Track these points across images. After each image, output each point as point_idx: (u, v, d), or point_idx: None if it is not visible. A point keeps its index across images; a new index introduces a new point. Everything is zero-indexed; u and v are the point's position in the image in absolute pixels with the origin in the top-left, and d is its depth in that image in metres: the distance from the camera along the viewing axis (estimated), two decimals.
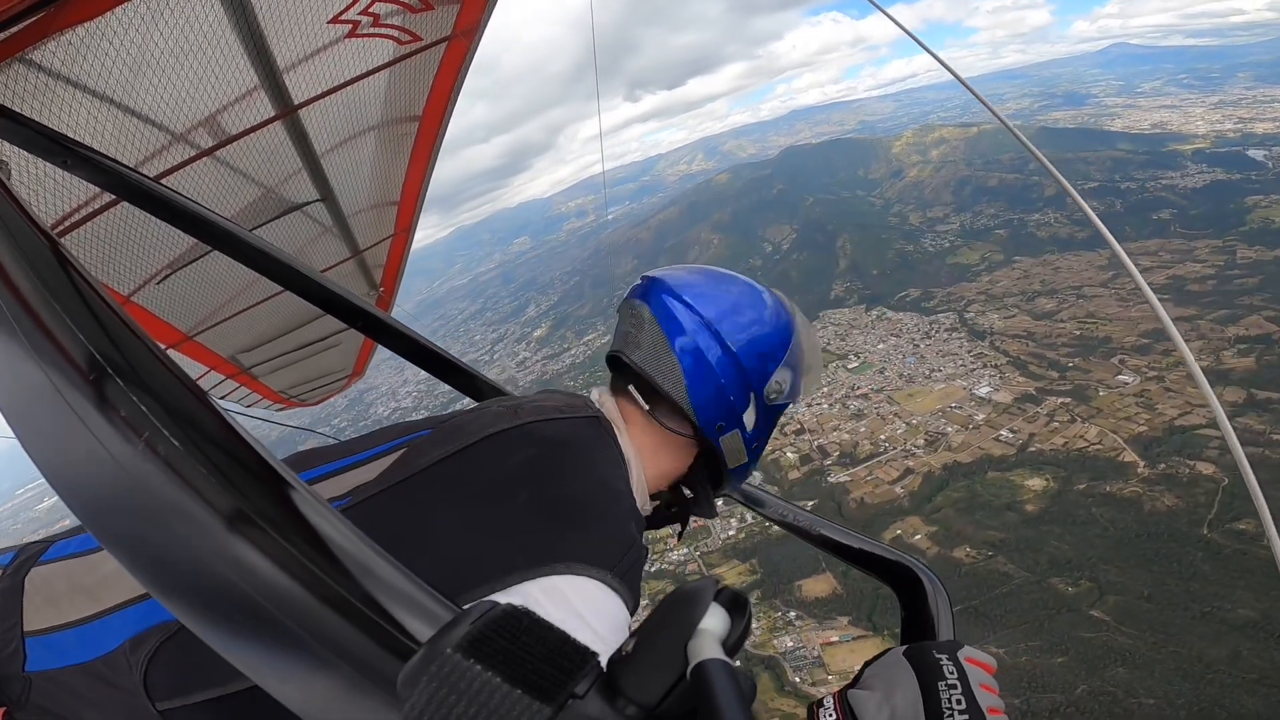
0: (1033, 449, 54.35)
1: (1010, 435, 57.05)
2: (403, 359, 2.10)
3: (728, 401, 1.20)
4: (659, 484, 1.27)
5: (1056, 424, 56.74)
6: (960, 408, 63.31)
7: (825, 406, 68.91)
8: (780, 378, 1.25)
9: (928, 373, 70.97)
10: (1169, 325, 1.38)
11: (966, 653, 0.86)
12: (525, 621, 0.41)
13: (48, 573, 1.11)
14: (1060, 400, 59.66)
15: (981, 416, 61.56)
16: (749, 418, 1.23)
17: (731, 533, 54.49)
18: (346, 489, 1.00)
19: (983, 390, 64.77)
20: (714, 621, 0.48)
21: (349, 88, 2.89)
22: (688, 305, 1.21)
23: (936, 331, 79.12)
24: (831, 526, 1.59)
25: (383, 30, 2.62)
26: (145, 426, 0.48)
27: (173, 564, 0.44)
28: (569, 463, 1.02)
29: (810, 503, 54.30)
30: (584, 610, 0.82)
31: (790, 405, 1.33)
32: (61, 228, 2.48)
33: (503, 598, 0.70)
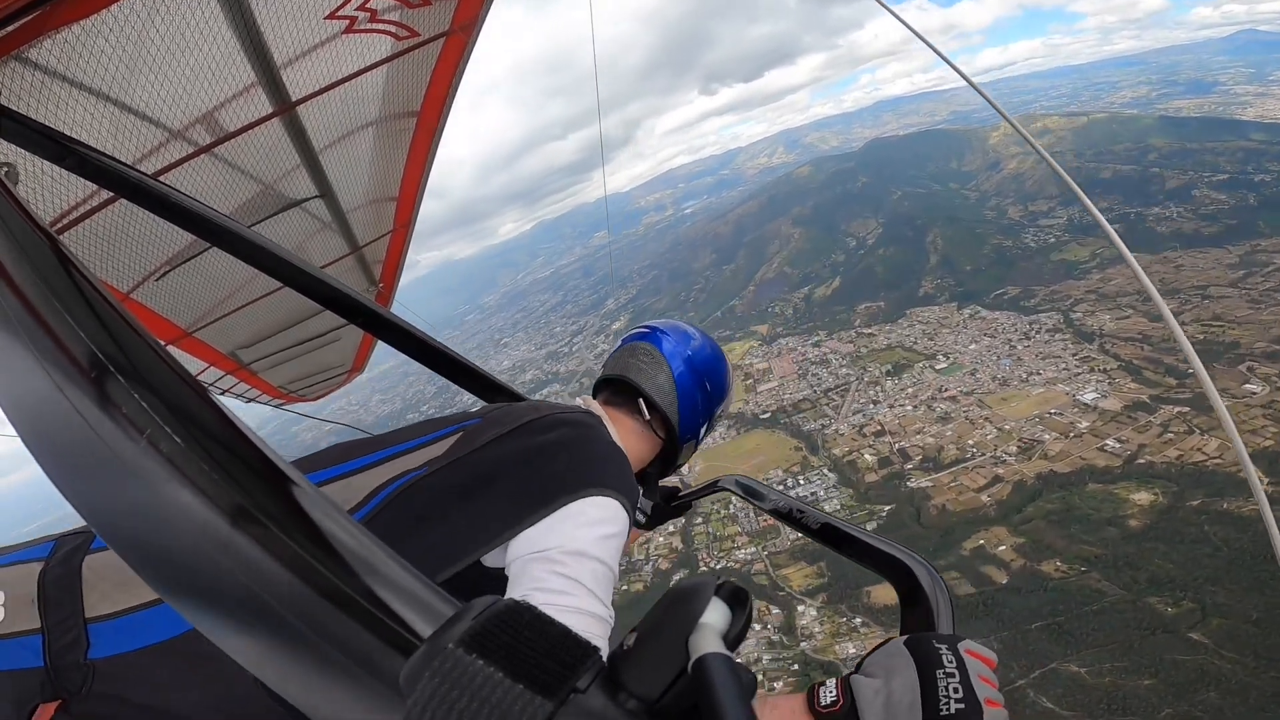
0: (1141, 461, 49.68)
1: (1117, 445, 52.24)
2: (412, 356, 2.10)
3: (698, 424, 1.75)
4: (638, 462, 1.70)
5: (1171, 435, 51.54)
6: (1061, 414, 58.38)
7: (909, 408, 65.25)
8: (722, 407, 1.85)
9: (1025, 376, 65.52)
10: (1182, 341, 1.38)
11: (967, 645, 0.86)
12: (527, 616, 0.42)
13: (112, 558, 1.09)
14: (1177, 409, 53.92)
15: (1085, 424, 56.42)
16: (703, 430, 1.79)
17: (802, 534, 55.53)
18: (421, 462, 1.26)
19: (1088, 396, 59.37)
20: (715, 616, 0.48)
21: (347, 83, 2.88)
22: (687, 359, 1.74)
23: (1037, 332, 72.60)
24: (832, 519, 1.59)
25: (380, 26, 2.61)
26: (147, 424, 0.48)
27: (176, 561, 0.44)
28: (592, 437, 1.37)
29: (887, 508, 53.60)
30: (615, 517, 1.20)
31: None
32: (60, 225, 2.47)
33: (561, 514, 1.14)
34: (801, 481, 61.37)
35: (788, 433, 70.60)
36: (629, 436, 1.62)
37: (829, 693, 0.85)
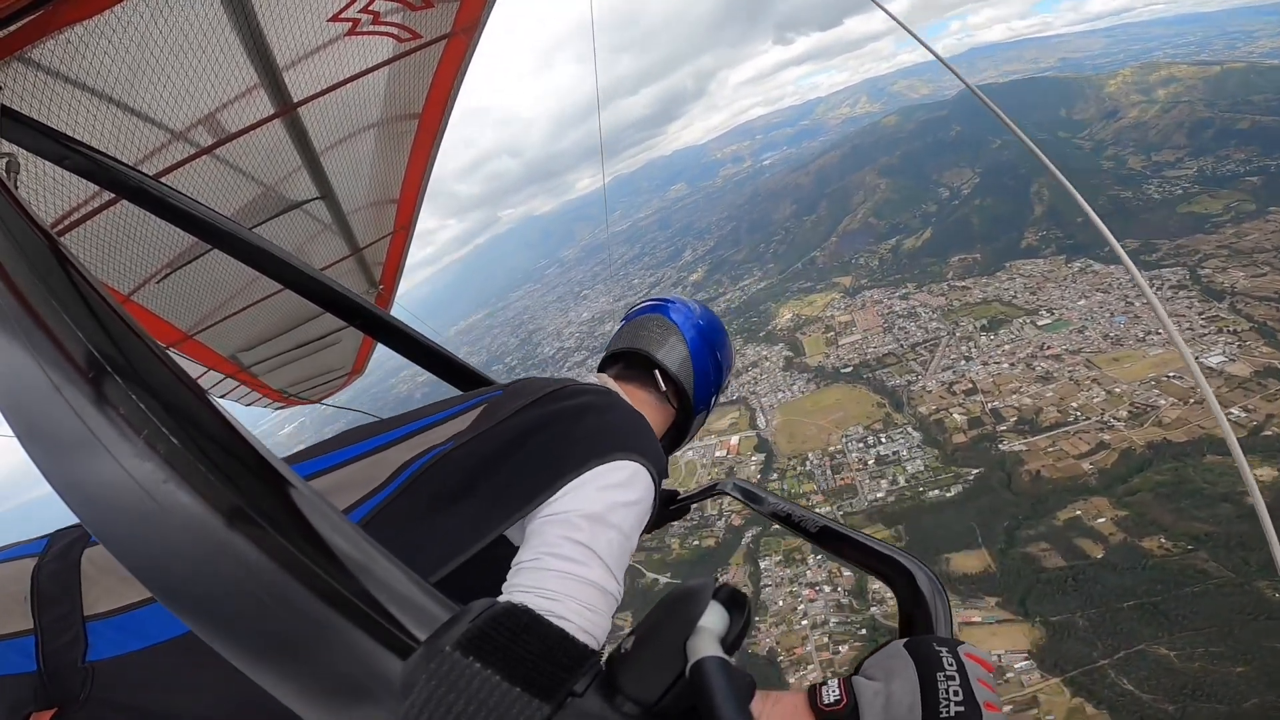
0: (1269, 432, 43.25)
1: (1243, 415, 45.09)
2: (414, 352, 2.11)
3: (711, 394, 1.77)
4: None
5: None
6: (1180, 378, 50.95)
7: (1005, 367, 58.49)
8: (727, 380, 1.88)
9: (1141, 335, 57.25)
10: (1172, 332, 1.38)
11: (967, 649, 0.86)
12: (525, 619, 0.41)
13: None
14: None
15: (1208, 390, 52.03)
16: (712, 401, 1.81)
17: (880, 494, 49.87)
18: (447, 436, 1.25)
19: (1213, 359, 51.34)
20: (713, 619, 0.48)
21: (349, 85, 2.88)
22: (699, 328, 1.76)
23: (1159, 288, 61.65)
24: (831, 523, 1.59)
25: (383, 28, 2.62)
26: (144, 425, 0.48)
27: (171, 561, 0.44)
28: (615, 404, 1.38)
29: (975, 471, 48.64)
30: (637, 483, 1.19)
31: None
32: (61, 226, 2.48)
33: (584, 479, 1.13)
34: (883, 440, 56.50)
35: (870, 388, 64.95)
36: (644, 408, 1.60)
37: (832, 692, 0.85)
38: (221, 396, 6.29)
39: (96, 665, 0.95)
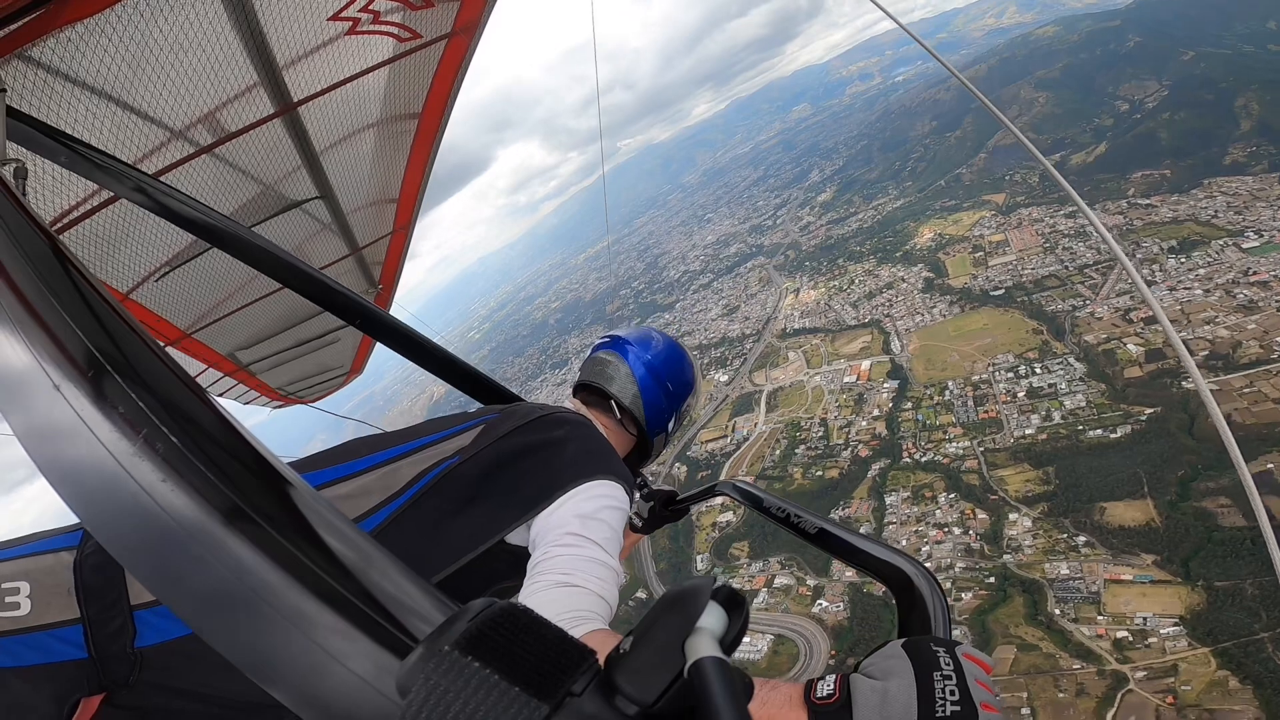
0: None
1: None
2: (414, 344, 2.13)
3: (665, 420, 1.96)
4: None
5: None
6: None
7: (1198, 293, 49.35)
8: (690, 402, 2.05)
9: None
10: (1161, 317, 1.38)
11: (964, 649, 0.86)
12: (524, 619, 0.41)
13: None
14: None
15: None
16: (670, 425, 1.99)
17: (1029, 430, 43.69)
18: (453, 451, 1.42)
19: None
20: (711, 619, 0.48)
21: (348, 85, 2.88)
22: (649, 362, 1.92)
23: None
24: (830, 523, 1.60)
25: (383, 27, 2.62)
26: (143, 424, 0.48)
27: (170, 560, 0.44)
28: (591, 433, 1.58)
29: (1149, 410, 41.02)
30: (617, 496, 1.38)
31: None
32: (60, 225, 2.47)
33: (572, 494, 1.33)
34: (1038, 370, 48.70)
35: (1025, 312, 56.37)
36: (607, 432, 1.84)
37: (826, 686, 0.85)
38: (220, 395, 6.28)
39: (144, 651, 1.00)
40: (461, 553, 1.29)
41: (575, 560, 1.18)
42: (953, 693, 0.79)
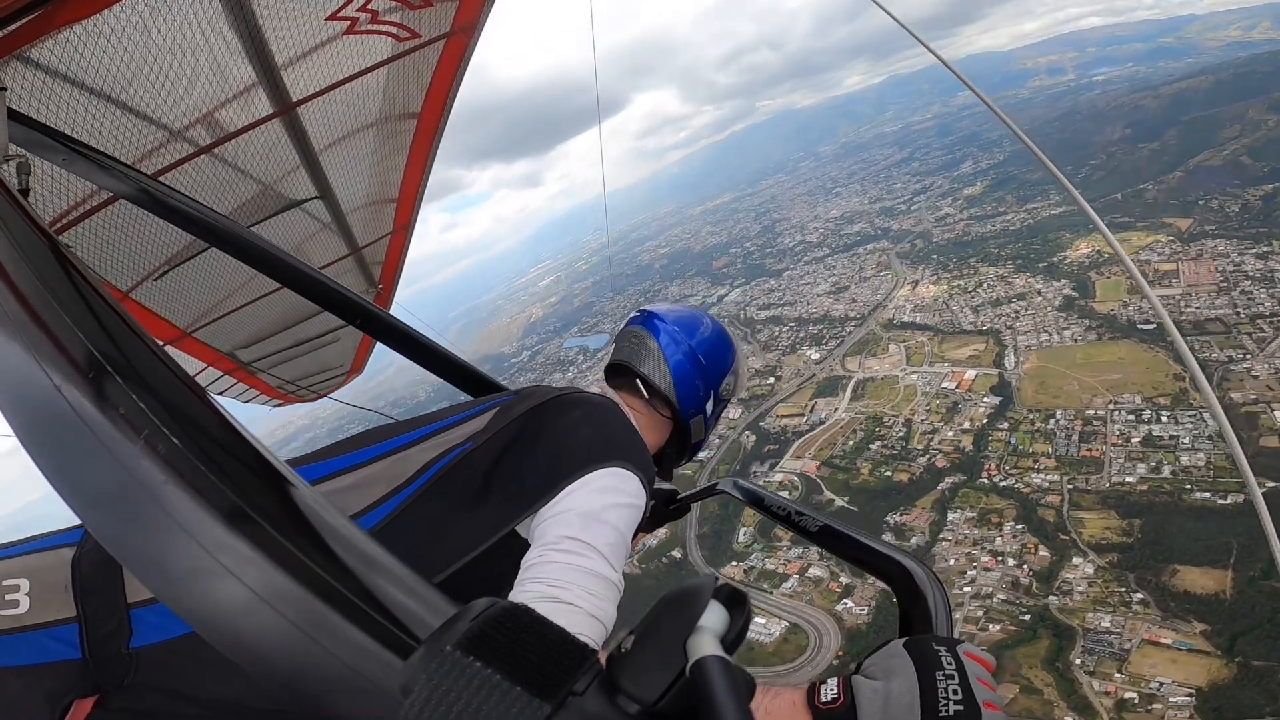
0: None
1: None
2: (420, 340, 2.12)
3: (699, 397, 1.78)
4: (652, 449, 1.71)
5: None
6: None
7: None
8: (729, 380, 1.88)
9: None
10: (1174, 334, 1.38)
11: (966, 648, 0.86)
12: (525, 619, 0.42)
13: None
14: None
15: None
16: (709, 406, 1.83)
17: (1130, 479, 39.78)
18: (465, 436, 1.36)
19: None
20: (713, 618, 0.48)
21: (347, 84, 2.88)
22: (675, 333, 1.78)
23: None
24: (831, 522, 1.60)
25: (381, 27, 2.62)
26: (144, 424, 0.48)
27: (172, 562, 0.44)
28: (610, 416, 1.47)
29: (1271, 484, 36.15)
30: (630, 488, 1.29)
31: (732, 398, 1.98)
32: (60, 225, 2.47)
33: (581, 483, 1.24)
34: (1164, 419, 43.84)
35: (1172, 355, 48.81)
36: (639, 418, 1.67)
37: (830, 690, 0.85)
38: (219, 394, 6.28)
39: (140, 651, 0.97)
40: (473, 545, 1.22)
41: (570, 571, 1.09)
42: (955, 692, 0.79)
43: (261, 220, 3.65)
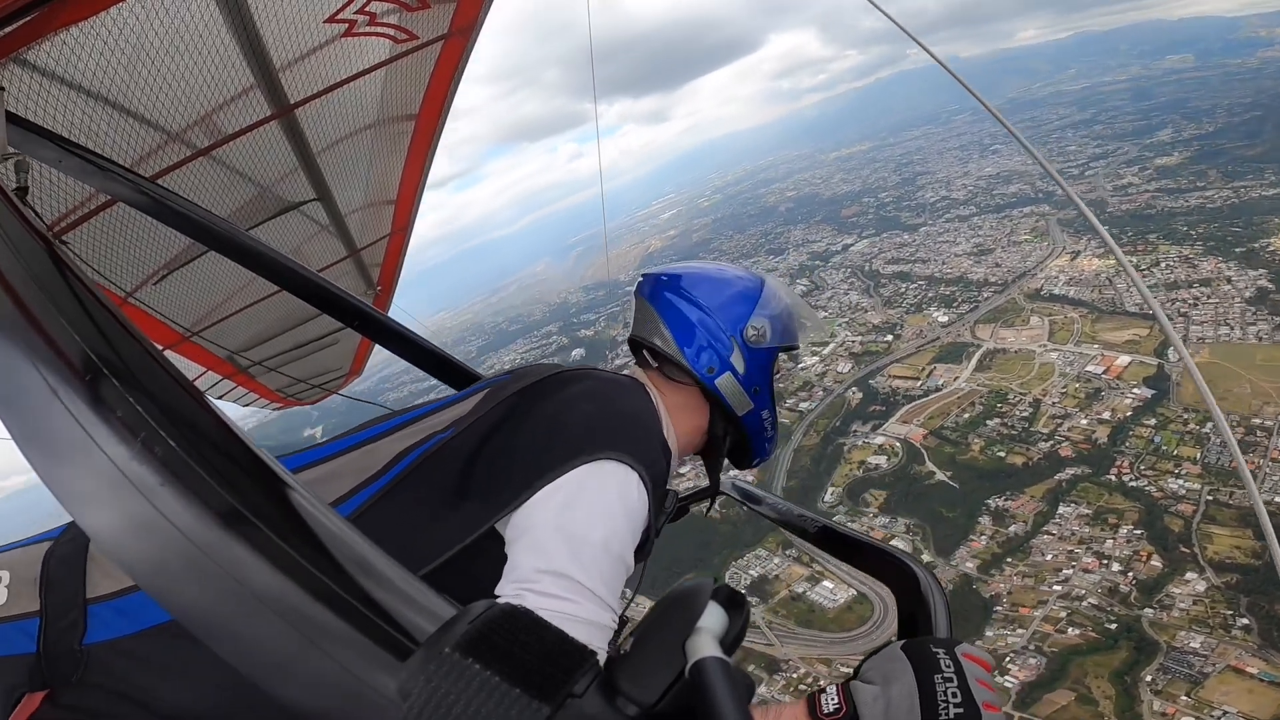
0: None
1: None
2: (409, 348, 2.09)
3: (713, 346, 1.45)
4: (689, 439, 1.51)
5: None
6: None
7: None
8: (757, 323, 1.49)
9: None
10: (1171, 333, 1.38)
11: (964, 649, 0.86)
12: (524, 621, 0.41)
13: None
14: None
15: None
16: (737, 361, 1.46)
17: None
18: (448, 422, 1.23)
19: None
20: (712, 620, 0.48)
21: (345, 86, 2.88)
22: (663, 280, 1.54)
23: None
24: (830, 524, 1.59)
25: (379, 29, 2.62)
26: (141, 428, 0.48)
27: (170, 565, 0.44)
28: (620, 392, 1.30)
29: None
30: (622, 489, 1.09)
31: (791, 352, 1.62)
32: (58, 228, 2.47)
33: (565, 480, 1.05)
34: None
35: None
36: (667, 398, 1.46)
37: (831, 700, 0.85)
38: (219, 398, 6.27)
39: (90, 649, 0.96)
40: (445, 547, 1.07)
41: (553, 617, 0.85)
42: (954, 694, 0.79)
43: (260, 223, 3.64)
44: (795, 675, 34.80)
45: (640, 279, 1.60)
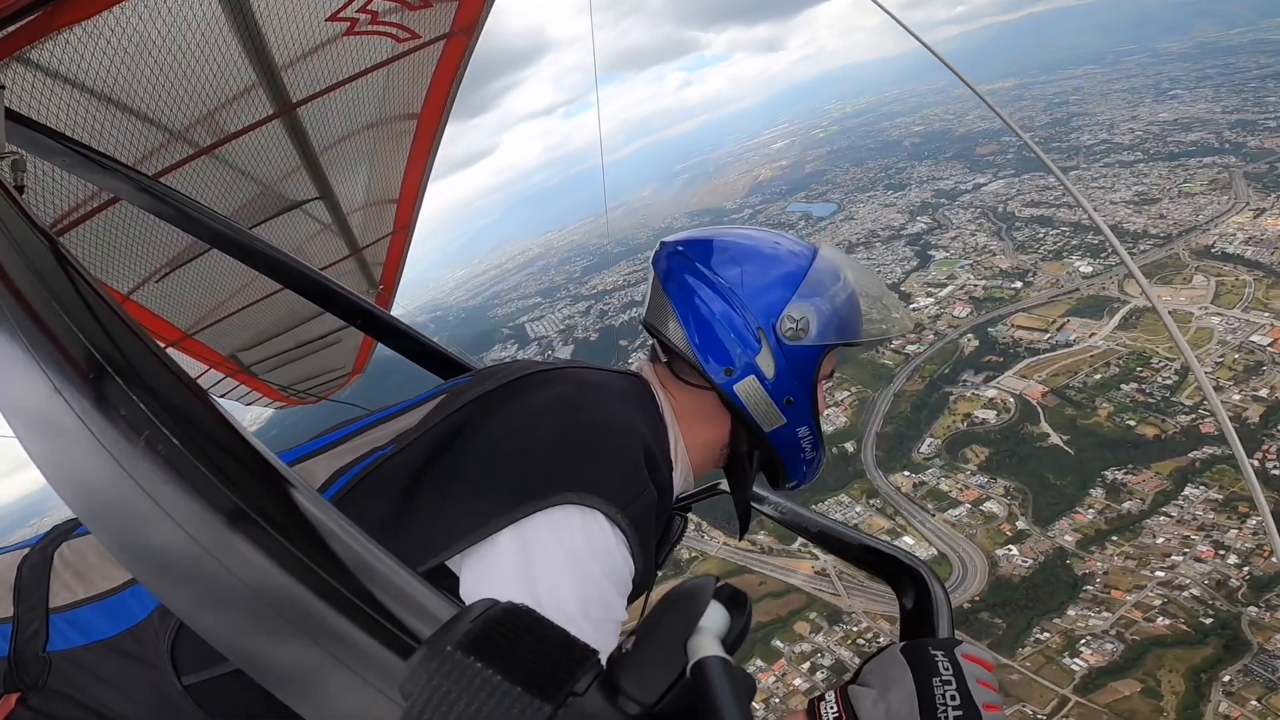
0: None
1: None
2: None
3: (729, 339, 1.14)
4: (705, 453, 1.23)
5: None
6: None
7: None
8: (796, 312, 1.14)
9: None
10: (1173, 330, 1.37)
11: (964, 649, 0.86)
12: (526, 619, 0.42)
13: (81, 545, 1.05)
14: None
15: None
16: (765, 362, 1.13)
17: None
18: (391, 436, 1.05)
19: None
20: (714, 619, 0.48)
21: (347, 85, 2.88)
22: (678, 251, 1.22)
23: None
24: (831, 523, 1.59)
25: (381, 28, 2.62)
26: (145, 425, 0.48)
27: (173, 563, 0.44)
28: (600, 400, 1.04)
29: None
30: (586, 544, 0.87)
31: (850, 350, 1.23)
32: (60, 226, 2.48)
33: (513, 537, 0.84)
34: None
35: None
36: (682, 403, 1.20)
37: (830, 708, 0.85)
38: (221, 396, 6.28)
39: (53, 656, 0.98)
40: None
41: None
42: (954, 697, 0.79)
43: (262, 221, 3.65)
44: (856, 629, 33.34)
45: (658, 247, 1.28)
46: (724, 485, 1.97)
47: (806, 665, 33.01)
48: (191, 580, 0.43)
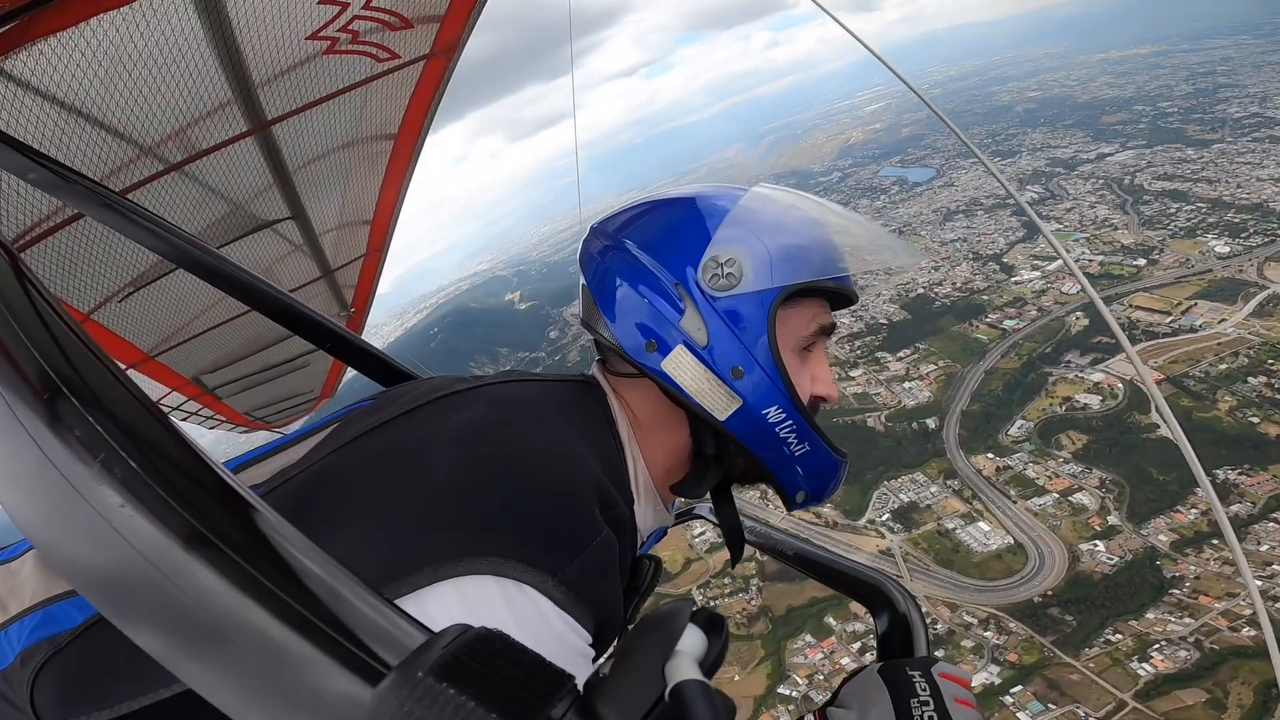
0: None
1: None
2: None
3: (646, 306, 0.92)
4: (671, 468, 1.01)
5: None
6: None
7: None
8: (721, 254, 0.91)
9: None
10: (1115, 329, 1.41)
11: (941, 669, 0.87)
12: (499, 645, 0.41)
13: (4, 569, 0.99)
14: None
15: None
16: (693, 325, 0.90)
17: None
18: (268, 474, 0.88)
19: None
20: (691, 642, 0.47)
21: (324, 104, 2.88)
22: (594, 229, 1.05)
23: None
24: (806, 545, 1.60)
25: (362, 48, 2.63)
26: (101, 448, 0.46)
27: (129, 589, 0.42)
28: (523, 421, 0.81)
29: None
30: (527, 621, 0.68)
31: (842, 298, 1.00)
32: (21, 242, 2.40)
33: (410, 604, 0.65)
34: None
35: None
36: (635, 408, 0.99)
37: None
38: (183, 419, 6.10)
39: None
40: None
41: None
42: (931, 717, 0.80)
43: (232, 241, 3.59)
44: None
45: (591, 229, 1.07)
46: (698, 510, 1.93)
47: (857, 645, 31.90)
48: (147, 605, 0.42)
